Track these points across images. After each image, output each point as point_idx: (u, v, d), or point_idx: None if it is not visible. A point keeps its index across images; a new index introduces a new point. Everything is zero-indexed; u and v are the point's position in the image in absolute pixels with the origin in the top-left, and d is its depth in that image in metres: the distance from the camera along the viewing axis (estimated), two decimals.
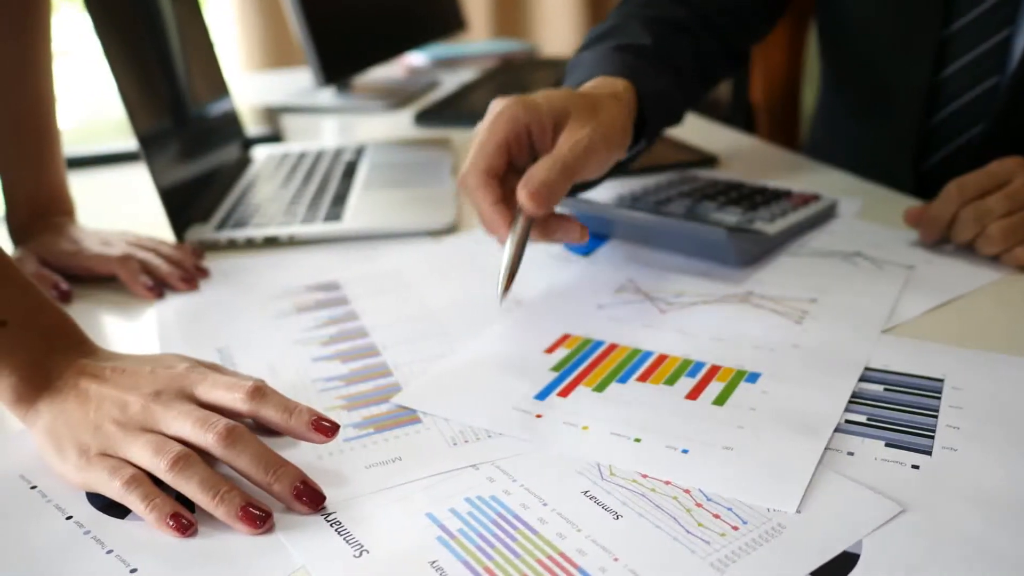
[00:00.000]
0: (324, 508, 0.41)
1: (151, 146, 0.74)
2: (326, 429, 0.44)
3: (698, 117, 1.21)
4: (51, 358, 0.46)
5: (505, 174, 0.56)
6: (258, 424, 0.46)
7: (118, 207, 0.89)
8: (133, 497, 0.41)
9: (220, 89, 1.01)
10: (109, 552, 0.39)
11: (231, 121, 1.02)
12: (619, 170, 0.67)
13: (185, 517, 0.40)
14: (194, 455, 0.42)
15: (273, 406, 0.45)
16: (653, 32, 0.73)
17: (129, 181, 1.00)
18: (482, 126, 0.56)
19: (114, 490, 0.41)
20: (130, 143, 1.08)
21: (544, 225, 0.56)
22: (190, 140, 0.86)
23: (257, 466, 0.41)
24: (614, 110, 0.60)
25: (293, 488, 0.41)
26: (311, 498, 0.41)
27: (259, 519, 0.40)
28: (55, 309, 0.49)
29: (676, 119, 0.74)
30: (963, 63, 0.76)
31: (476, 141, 0.56)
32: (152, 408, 0.43)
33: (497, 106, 0.57)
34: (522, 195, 0.53)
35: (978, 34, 0.75)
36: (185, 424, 0.43)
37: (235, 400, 0.44)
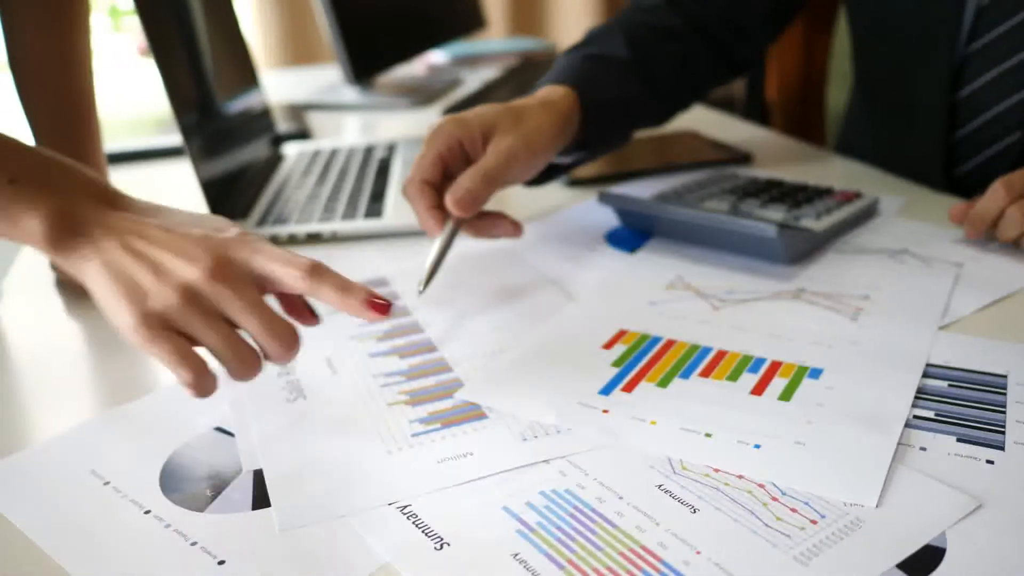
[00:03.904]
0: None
1: (192, 140, 0.74)
2: (381, 307, 0.46)
3: (724, 115, 1.21)
4: (79, 207, 0.46)
5: (444, 182, 0.63)
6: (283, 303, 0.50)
7: None
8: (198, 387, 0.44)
9: (252, 85, 1.02)
10: (194, 544, 0.39)
11: (263, 117, 1.02)
12: (565, 171, 0.75)
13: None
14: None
15: (330, 285, 0.46)
16: (635, 40, 0.77)
17: (154, 178, 1.00)
18: (423, 142, 0.64)
19: (180, 376, 0.44)
20: (149, 140, 1.09)
21: (477, 225, 0.64)
22: (226, 135, 0.86)
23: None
24: (541, 118, 0.66)
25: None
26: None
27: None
28: (63, 162, 0.48)
29: (641, 124, 0.80)
30: (991, 76, 0.75)
31: (417, 156, 0.63)
32: (219, 289, 0.44)
33: (434, 124, 0.64)
34: (449, 201, 0.60)
35: (1007, 48, 0.74)
36: (252, 322, 0.45)
37: (292, 277, 0.45)
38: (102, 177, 0.49)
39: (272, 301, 0.48)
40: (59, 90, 0.73)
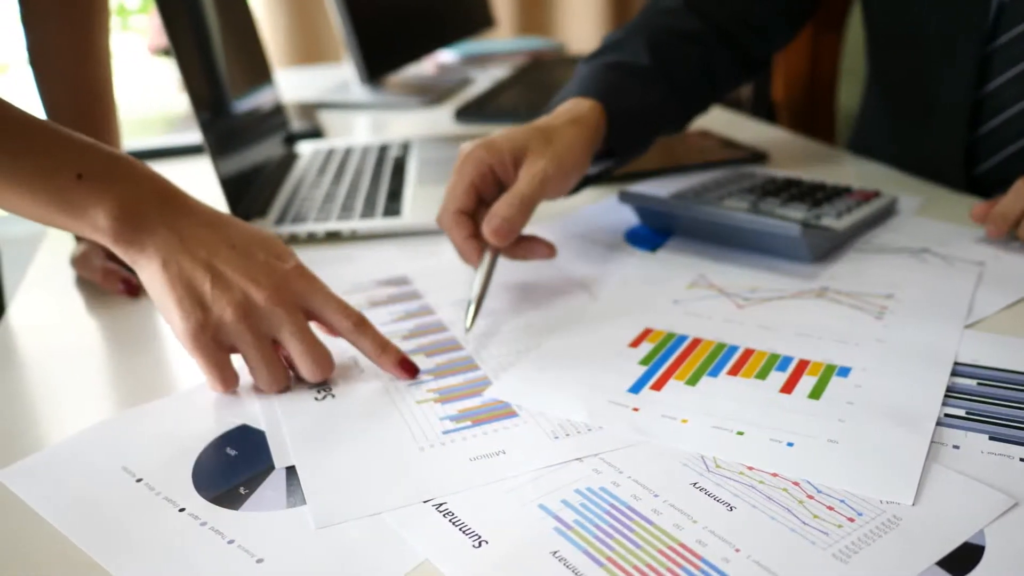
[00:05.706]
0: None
1: (210, 137, 0.74)
2: (410, 369, 0.52)
3: (734, 114, 1.21)
4: (144, 203, 0.49)
5: (478, 208, 0.62)
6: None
7: None
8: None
9: (267, 82, 1.02)
10: (231, 542, 0.39)
11: (277, 115, 1.02)
12: (593, 182, 0.74)
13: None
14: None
15: (371, 340, 0.51)
16: (656, 45, 0.77)
17: (167, 177, 1.00)
18: (454, 170, 0.63)
19: (210, 382, 0.50)
20: (160, 139, 1.09)
21: (512, 249, 0.63)
22: (243, 133, 0.86)
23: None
24: (571, 136, 0.65)
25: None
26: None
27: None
28: (128, 159, 0.51)
29: (665, 131, 0.79)
30: (1013, 74, 0.75)
31: (448, 184, 0.62)
32: (276, 312, 0.49)
33: (464, 151, 0.63)
34: (486, 231, 0.60)
35: None
36: (297, 346, 0.50)
37: (343, 326, 0.51)
38: (164, 177, 0.52)
39: None
40: (78, 86, 0.73)
